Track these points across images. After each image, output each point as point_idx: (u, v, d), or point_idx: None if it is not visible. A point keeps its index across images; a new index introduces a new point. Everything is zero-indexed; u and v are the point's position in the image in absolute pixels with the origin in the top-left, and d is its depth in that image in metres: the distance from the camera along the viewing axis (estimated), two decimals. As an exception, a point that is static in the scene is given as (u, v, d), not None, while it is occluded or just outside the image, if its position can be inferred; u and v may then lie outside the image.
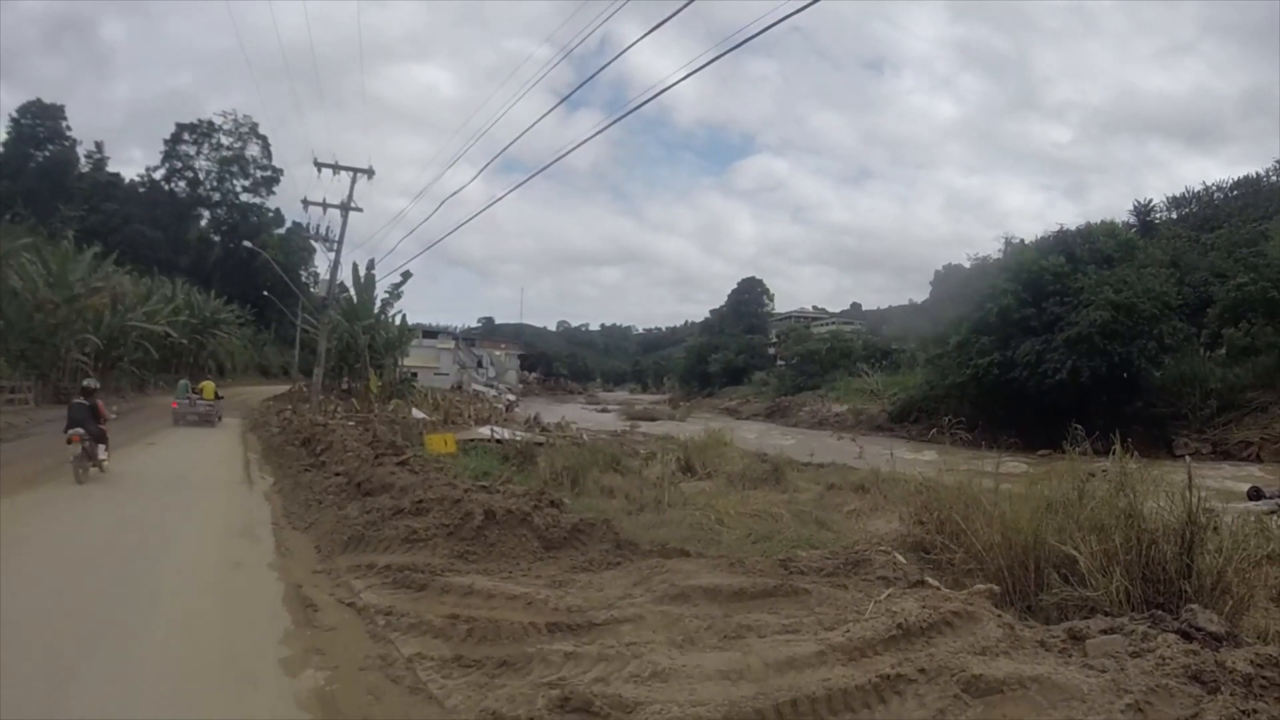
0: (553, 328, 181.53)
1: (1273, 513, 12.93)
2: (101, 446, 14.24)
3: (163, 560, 8.70)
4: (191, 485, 14.40)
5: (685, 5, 11.53)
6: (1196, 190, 71.36)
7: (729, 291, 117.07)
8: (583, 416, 50.24)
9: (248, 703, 5.08)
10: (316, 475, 14.23)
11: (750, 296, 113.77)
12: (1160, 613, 5.42)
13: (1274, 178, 67.31)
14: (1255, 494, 19.39)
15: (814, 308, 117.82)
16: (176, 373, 48.58)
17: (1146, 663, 4.50)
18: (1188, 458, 8.19)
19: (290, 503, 12.69)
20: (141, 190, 79.73)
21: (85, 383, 15.84)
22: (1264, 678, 4.19)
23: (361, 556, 8.60)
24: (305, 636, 6.27)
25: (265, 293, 60.37)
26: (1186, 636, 4.85)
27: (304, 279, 74.90)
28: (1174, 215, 69.51)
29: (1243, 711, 3.92)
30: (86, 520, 10.73)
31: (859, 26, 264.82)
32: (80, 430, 13.73)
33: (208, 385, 29.62)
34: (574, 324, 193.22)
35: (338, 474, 13.43)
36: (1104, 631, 5.11)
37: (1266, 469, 28.36)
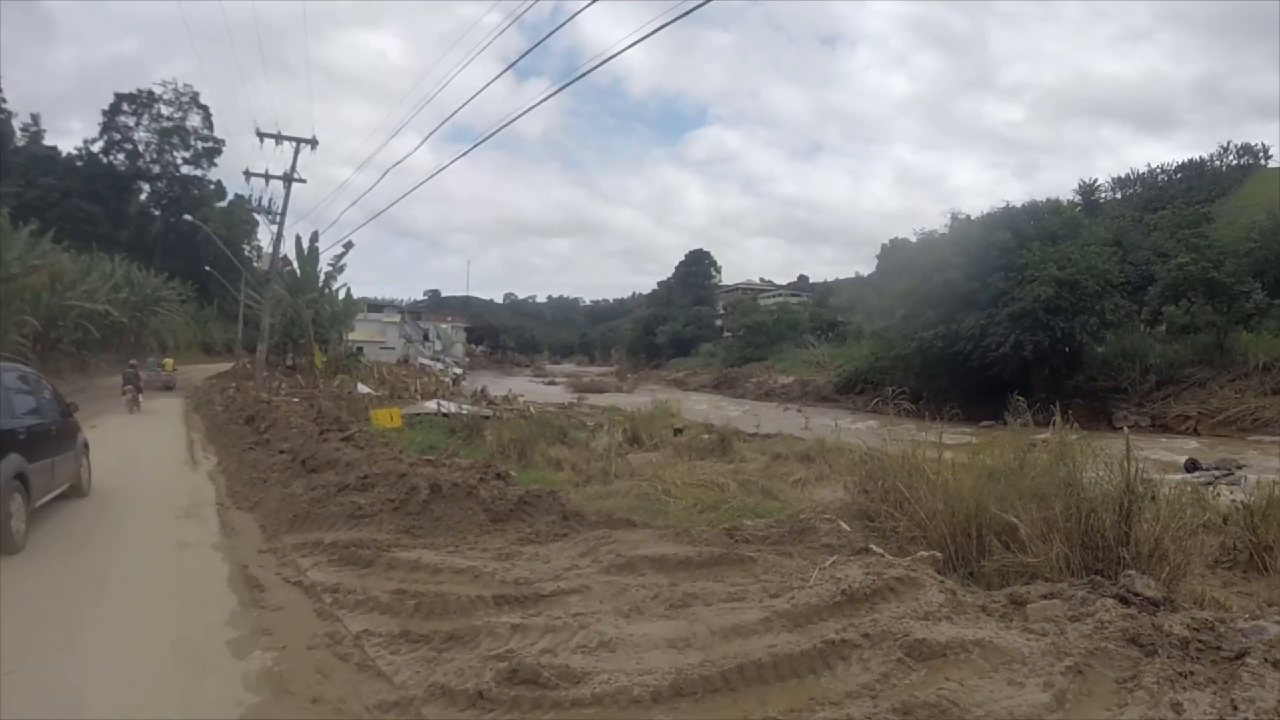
0: (500, 300, 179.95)
1: (1209, 484, 13.38)
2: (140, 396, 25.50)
3: (106, 544, 8.51)
4: (135, 467, 14.06)
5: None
6: (1142, 172, 73.34)
7: (678, 263, 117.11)
8: (530, 389, 50.24)
9: (195, 687, 4.99)
10: (261, 453, 14.05)
11: (698, 268, 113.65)
12: (1099, 578, 5.52)
13: (1218, 162, 69.21)
14: (1192, 466, 19.99)
15: (761, 279, 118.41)
16: (118, 352, 47.28)
17: (1085, 626, 4.60)
18: (1126, 430, 8.38)
19: (235, 482, 12.49)
20: (80, 164, 76.68)
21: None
22: (1200, 641, 4.29)
23: (307, 534, 8.49)
24: (252, 617, 6.19)
25: (208, 268, 59.14)
26: (1124, 601, 4.96)
27: (247, 253, 73.47)
28: (1119, 195, 71.30)
29: (1179, 673, 4.01)
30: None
31: (816, 1, 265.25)
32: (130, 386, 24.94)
33: (169, 361, 40.55)
34: (521, 296, 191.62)
35: (282, 451, 13.23)
36: (1044, 596, 5.21)
37: (1204, 442, 29.20)
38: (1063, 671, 4.14)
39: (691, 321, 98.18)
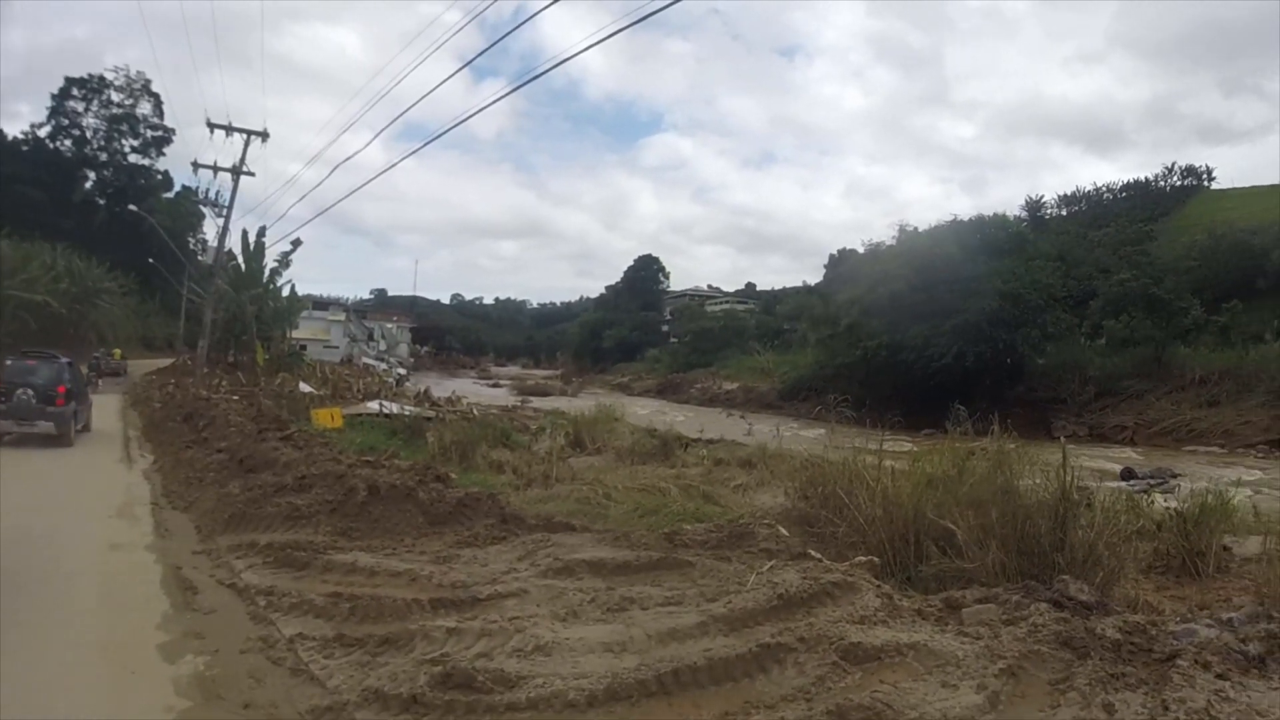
0: (447, 300, 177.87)
1: (1144, 492, 13.68)
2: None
3: (35, 545, 8.19)
4: (68, 465, 13.73)
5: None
6: (1087, 190, 74.88)
7: (627, 268, 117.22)
8: (474, 391, 49.88)
9: (125, 691, 4.85)
10: (198, 452, 13.80)
11: (647, 273, 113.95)
12: (1034, 583, 5.60)
13: (1163, 183, 71.11)
14: (1128, 474, 20.47)
15: (710, 286, 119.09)
16: (56, 346, 45.97)
17: (1019, 630, 4.66)
18: (1063, 439, 8.54)
19: (170, 481, 12.23)
20: (25, 148, 74.26)
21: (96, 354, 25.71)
22: (1132, 643, 4.36)
23: (243, 535, 8.35)
24: (184, 620, 6.06)
25: (151, 260, 57.71)
26: (1058, 605, 5.03)
27: (192, 246, 71.87)
28: (1064, 212, 72.85)
29: (1111, 675, 4.07)
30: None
31: (778, 14, 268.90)
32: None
33: (117, 351, 46.47)
34: (468, 297, 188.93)
35: (220, 450, 13.02)
36: (979, 601, 5.27)
37: (1140, 451, 29.97)
38: (996, 674, 4.18)
39: (638, 326, 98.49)
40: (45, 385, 16.31)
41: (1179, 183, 70.67)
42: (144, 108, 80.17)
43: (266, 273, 42.87)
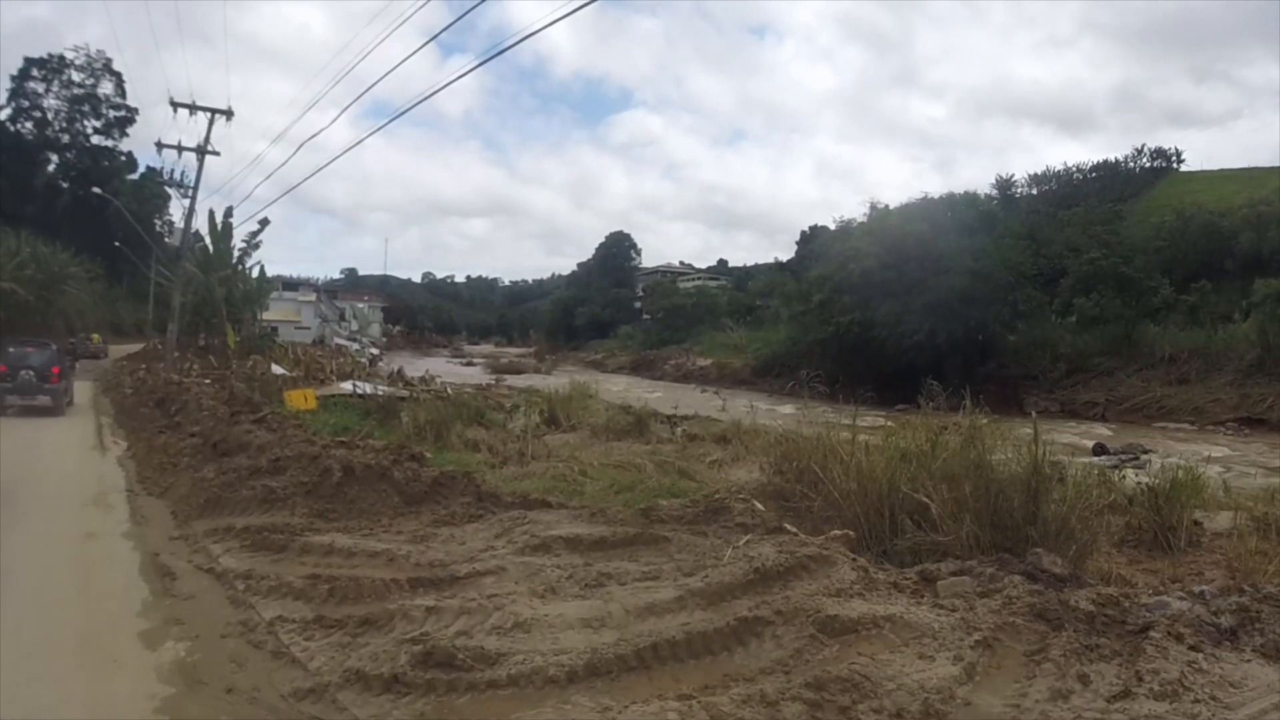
0: (418, 280, 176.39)
1: (1116, 467, 13.88)
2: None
3: (9, 536, 8.08)
4: (41, 454, 13.52)
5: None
6: (1057, 170, 75.18)
7: (598, 245, 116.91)
8: (447, 370, 49.72)
9: (106, 680, 4.83)
10: (171, 437, 13.65)
11: (618, 251, 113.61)
12: (1007, 556, 5.67)
13: (1132, 164, 71.68)
14: (1100, 450, 20.81)
15: (681, 263, 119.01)
16: (23, 333, 45.23)
17: (994, 602, 4.74)
18: (1035, 415, 8.61)
19: (145, 467, 12.13)
20: (-15, 133, 72.87)
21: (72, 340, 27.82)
22: (1105, 615, 4.44)
23: (219, 520, 8.31)
24: (164, 607, 6.05)
25: (117, 244, 56.73)
26: (1032, 578, 5.11)
27: (158, 228, 70.41)
28: (1034, 191, 73.17)
29: (1085, 646, 4.14)
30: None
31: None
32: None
33: (95, 336, 49.24)
34: (439, 276, 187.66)
35: (193, 435, 12.90)
36: (954, 574, 5.34)
37: (1111, 428, 30.46)
38: (972, 645, 4.25)
39: (610, 304, 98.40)
40: (42, 367, 19.83)
41: (1148, 164, 71.20)
42: (106, 87, 77.84)
43: (235, 254, 42.19)
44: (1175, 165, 70.68)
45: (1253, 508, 9.22)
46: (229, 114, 31.57)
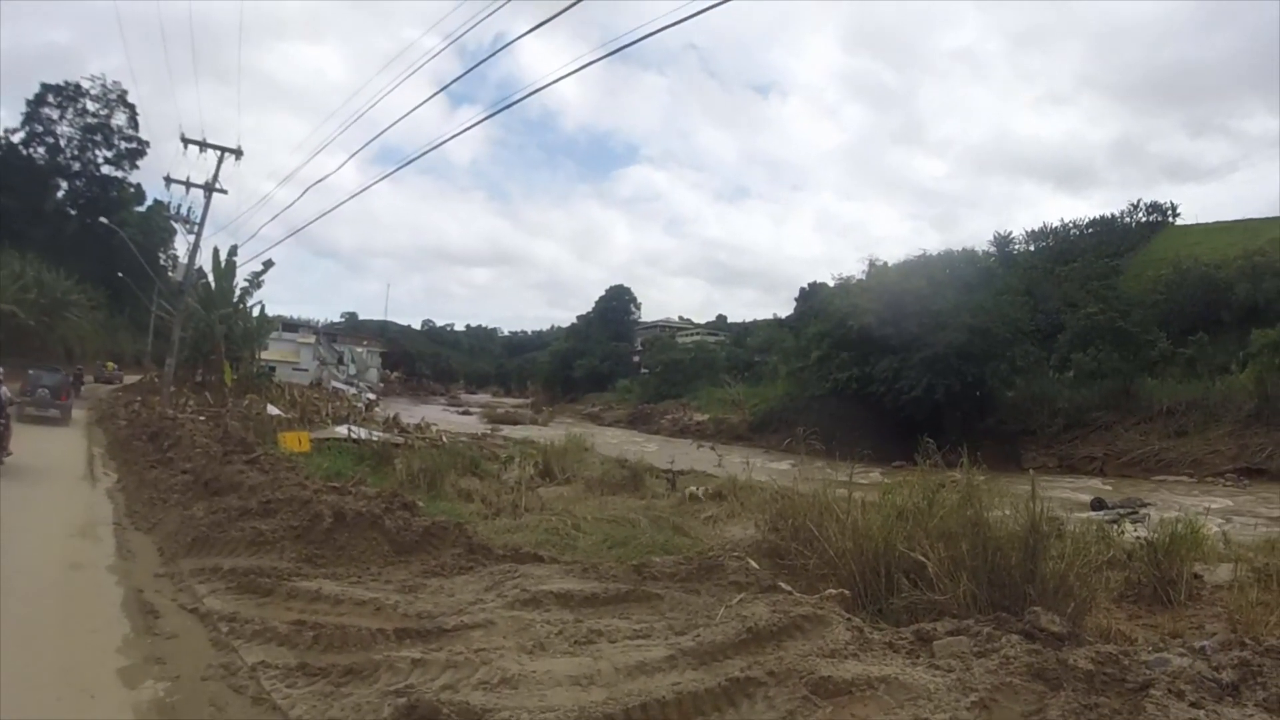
0: (418, 326, 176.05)
1: (1114, 522, 13.79)
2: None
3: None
4: (30, 482, 13.44)
5: (572, 5, 11.47)
6: (1054, 226, 75.97)
7: (598, 298, 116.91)
8: (444, 418, 49.62)
9: (83, 716, 4.79)
10: (162, 472, 13.62)
11: (618, 304, 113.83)
12: (1005, 615, 5.58)
13: (1128, 219, 72.43)
14: (1098, 504, 20.69)
15: (680, 318, 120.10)
16: (22, 358, 45.16)
17: (991, 662, 4.63)
18: (1032, 471, 8.58)
19: (134, 501, 12.11)
20: (-3, 154, 73.24)
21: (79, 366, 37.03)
22: (1105, 674, 4.33)
23: (206, 559, 8.23)
24: (145, 644, 5.98)
25: (121, 274, 56.93)
26: (1030, 637, 5.03)
27: (162, 261, 70.76)
28: (1032, 247, 73.85)
29: (1085, 706, 4.04)
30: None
31: (754, 51, 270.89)
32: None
33: (110, 364, 52.80)
34: (439, 323, 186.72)
35: (184, 471, 12.84)
36: (950, 633, 5.24)
37: (1109, 482, 30.36)
38: (968, 707, 4.15)
39: (609, 356, 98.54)
40: (55, 388, 24.71)
41: (1144, 219, 72.03)
42: (119, 118, 78.56)
43: (237, 292, 42.40)
44: (1171, 219, 71.53)
45: (1253, 559, 9.19)
46: (238, 153, 32.04)
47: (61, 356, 49.04)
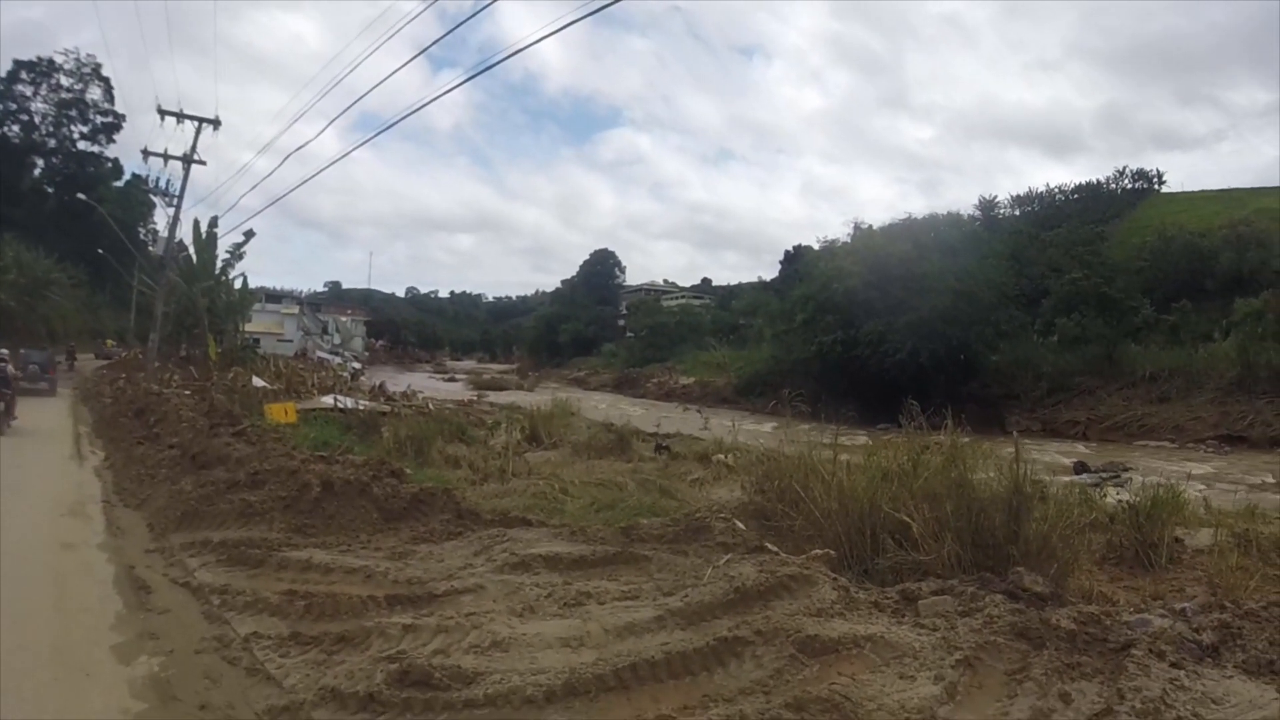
0: (402, 294, 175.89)
1: (1097, 485, 13.93)
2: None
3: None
4: (16, 462, 13.42)
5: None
6: (1040, 191, 75.79)
7: (582, 263, 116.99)
8: (430, 385, 49.62)
9: (78, 694, 4.79)
10: (150, 448, 13.61)
11: (603, 268, 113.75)
12: (988, 575, 5.63)
13: (1114, 186, 72.40)
14: (1081, 468, 20.85)
15: (665, 281, 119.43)
16: (4, 338, 44.77)
17: (975, 621, 4.70)
18: (1016, 434, 8.63)
19: (122, 478, 12.07)
20: (-30, 135, 72.17)
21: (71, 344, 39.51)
22: (1087, 634, 4.39)
23: (196, 533, 8.25)
24: (138, 620, 6.00)
25: (101, 251, 56.33)
26: (1013, 597, 5.07)
27: (142, 236, 70.12)
28: (1017, 212, 73.63)
29: (1067, 665, 4.11)
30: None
31: (739, 14, 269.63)
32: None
33: (109, 341, 55.24)
34: (423, 290, 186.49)
35: (171, 446, 12.85)
36: (935, 593, 5.30)
37: (1092, 446, 30.50)
38: (953, 665, 4.22)
39: (594, 321, 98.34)
40: (43, 364, 28.54)
41: (1130, 186, 71.90)
42: (94, 93, 77.56)
43: (219, 264, 42.06)
44: (1157, 187, 71.34)
45: (1234, 524, 9.24)
46: (216, 123, 31.74)
47: (44, 336, 48.68)
